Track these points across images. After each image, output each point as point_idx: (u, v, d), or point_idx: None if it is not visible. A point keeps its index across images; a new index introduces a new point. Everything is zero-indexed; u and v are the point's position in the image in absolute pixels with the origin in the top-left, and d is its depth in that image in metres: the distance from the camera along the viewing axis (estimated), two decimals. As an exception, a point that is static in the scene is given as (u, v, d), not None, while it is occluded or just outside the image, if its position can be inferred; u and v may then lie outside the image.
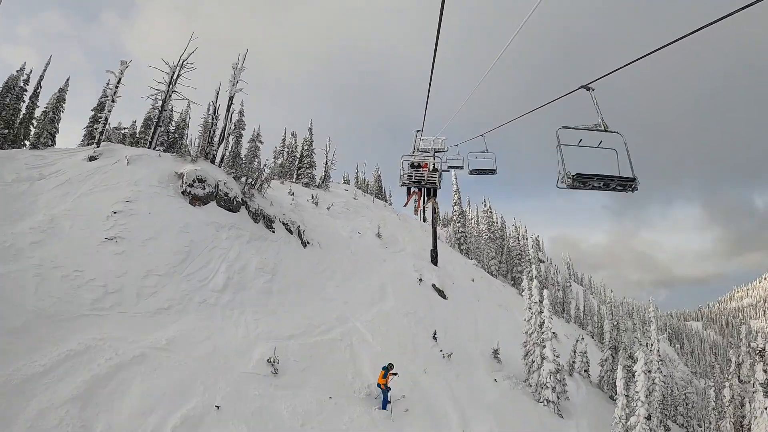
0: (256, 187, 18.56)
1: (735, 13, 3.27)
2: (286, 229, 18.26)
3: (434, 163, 15.27)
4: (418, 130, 15.00)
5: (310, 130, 35.60)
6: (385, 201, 55.82)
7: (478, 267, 35.40)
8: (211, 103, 19.63)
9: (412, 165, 15.53)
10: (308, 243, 18.47)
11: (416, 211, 20.72)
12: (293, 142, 35.68)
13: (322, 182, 35.17)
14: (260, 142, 18.97)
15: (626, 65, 4.57)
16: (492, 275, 38.97)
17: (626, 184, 5.41)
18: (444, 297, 21.45)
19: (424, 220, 54.19)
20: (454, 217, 41.50)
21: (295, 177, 34.65)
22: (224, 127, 19.01)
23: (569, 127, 5.47)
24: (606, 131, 5.51)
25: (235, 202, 16.66)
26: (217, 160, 18.65)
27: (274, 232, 17.51)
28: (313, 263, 17.29)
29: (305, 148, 34.95)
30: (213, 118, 19.19)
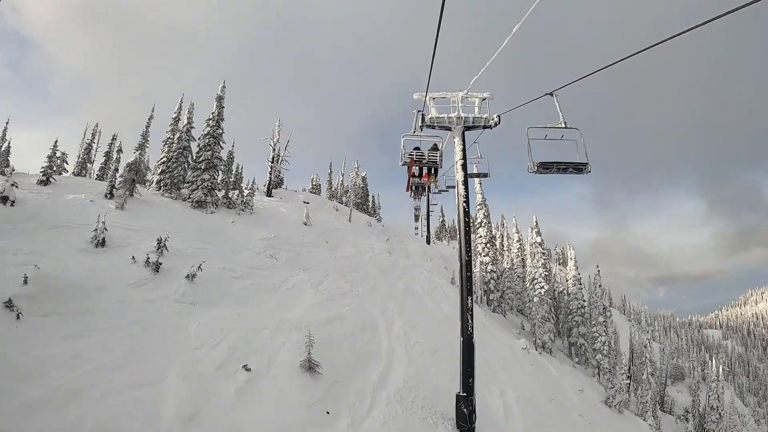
0: None
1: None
2: None
3: (436, 143, 13.05)
4: (419, 111, 12.21)
5: (219, 99, 19.20)
6: (372, 214, 39.43)
7: (528, 349, 19.24)
8: None
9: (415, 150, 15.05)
10: None
11: (417, 217, 22.54)
12: (187, 123, 19.20)
13: (241, 197, 18.88)
14: None
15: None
16: (544, 347, 23.05)
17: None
18: None
19: (428, 242, 37.86)
20: (482, 250, 25.09)
21: (187, 188, 18.39)
22: None
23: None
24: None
25: None
26: None
27: None
28: None
29: (207, 133, 18.65)
30: None
